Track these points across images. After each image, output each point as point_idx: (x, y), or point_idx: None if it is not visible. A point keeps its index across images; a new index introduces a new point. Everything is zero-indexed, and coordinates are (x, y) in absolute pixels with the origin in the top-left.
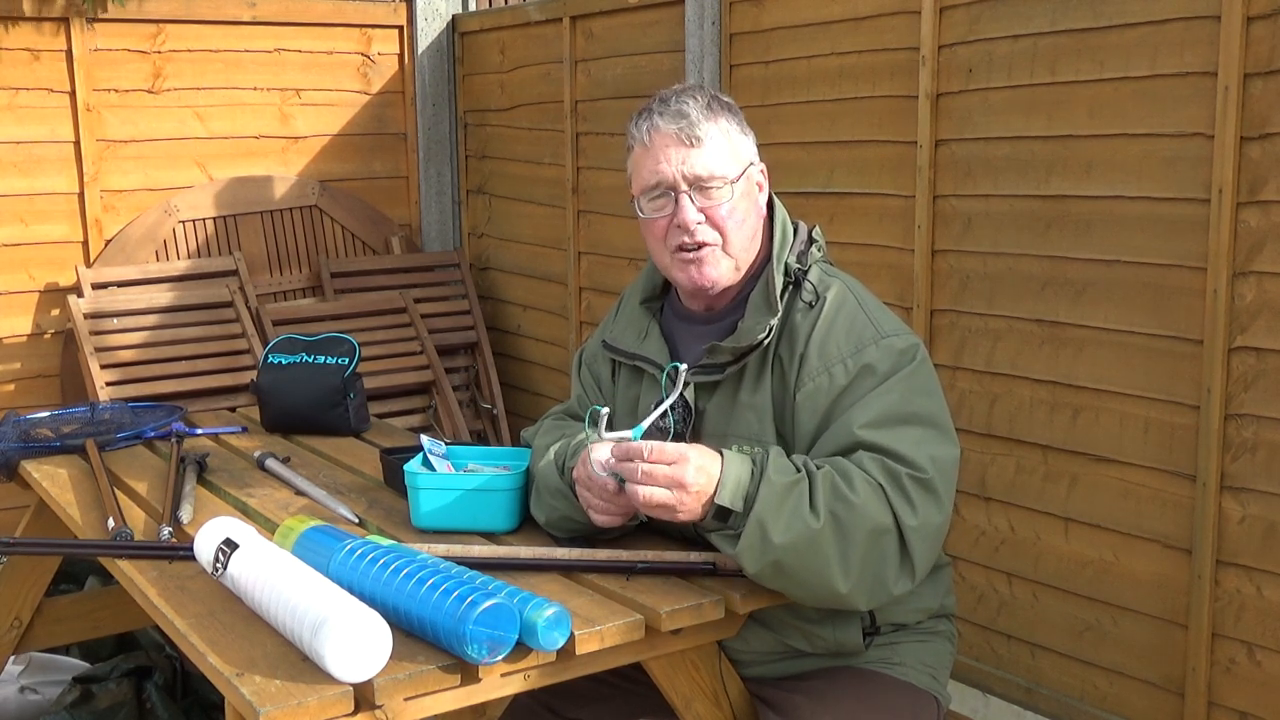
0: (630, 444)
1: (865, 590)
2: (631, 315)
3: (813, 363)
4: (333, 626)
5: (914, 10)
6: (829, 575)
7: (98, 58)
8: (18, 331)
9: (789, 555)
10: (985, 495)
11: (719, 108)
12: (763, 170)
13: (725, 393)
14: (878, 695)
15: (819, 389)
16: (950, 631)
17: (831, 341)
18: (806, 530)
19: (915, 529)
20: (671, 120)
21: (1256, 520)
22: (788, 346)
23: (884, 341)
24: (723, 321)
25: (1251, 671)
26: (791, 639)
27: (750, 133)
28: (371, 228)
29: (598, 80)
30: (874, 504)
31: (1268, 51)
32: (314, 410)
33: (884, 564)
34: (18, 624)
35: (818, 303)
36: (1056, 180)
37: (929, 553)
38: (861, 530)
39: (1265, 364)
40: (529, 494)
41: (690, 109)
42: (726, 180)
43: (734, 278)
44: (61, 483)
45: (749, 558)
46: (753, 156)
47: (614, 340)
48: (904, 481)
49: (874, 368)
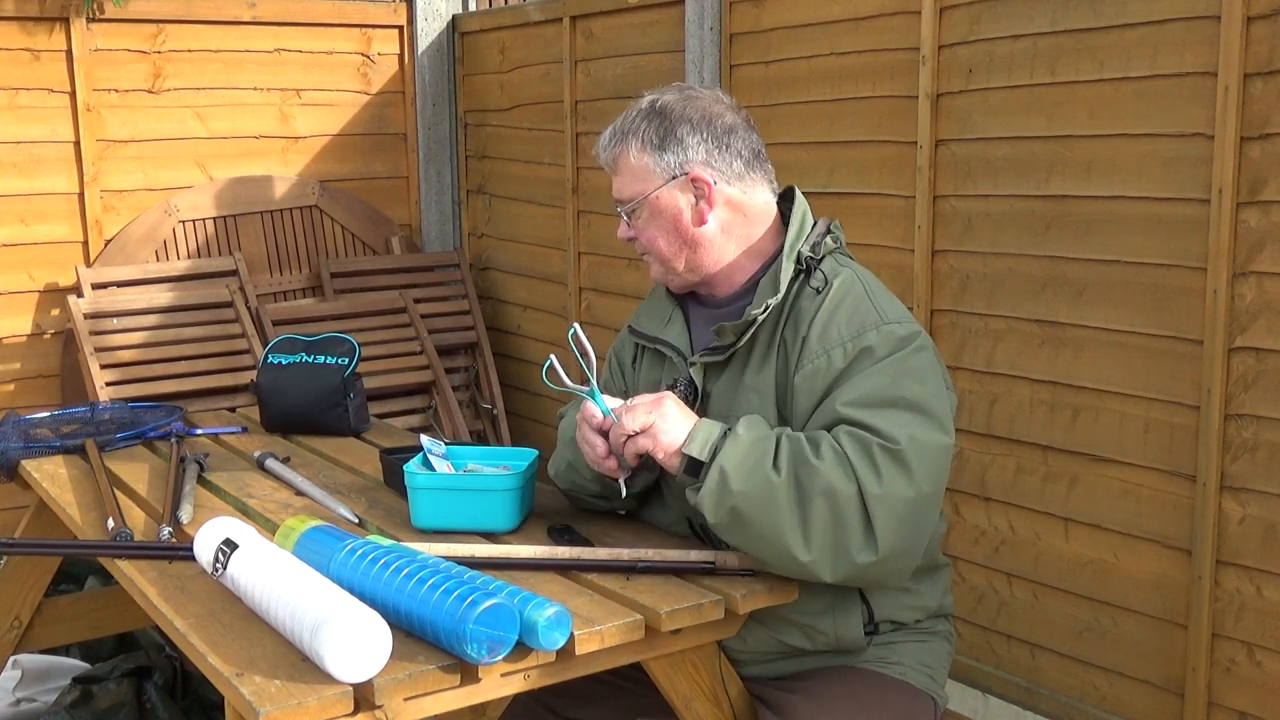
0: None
1: (828, 559)
2: (658, 301)
3: (813, 345)
4: (333, 627)
5: (914, 10)
6: (785, 534)
7: (98, 58)
8: (18, 331)
9: (746, 503)
10: (985, 495)
11: (632, 128)
12: (694, 177)
13: (731, 374)
14: (875, 695)
15: (817, 371)
16: (948, 632)
17: (833, 325)
18: (766, 482)
19: (878, 497)
20: (596, 149)
21: (1256, 520)
22: (792, 329)
23: (885, 327)
24: (734, 305)
25: (1251, 672)
26: (791, 637)
27: (679, 143)
28: (371, 228)
29: (598, 80)
30: (836, 469)
31: (1268, 51)
32: (314, 410)
33: (844, 531)
34: (18, 624)
35: (825, 287)
36: (1056, 180)
37: (896, 526)
38: (819, 492)
39: (1265, 364)
40: (529, 494)
41: (602, 140)
42: (633, 202)
43: (674, 280)
44: (61, 483)
45: (709, 503)
46: (672, 169)
47: (639, 325)
48: (873, 449)
49: (872, 351)
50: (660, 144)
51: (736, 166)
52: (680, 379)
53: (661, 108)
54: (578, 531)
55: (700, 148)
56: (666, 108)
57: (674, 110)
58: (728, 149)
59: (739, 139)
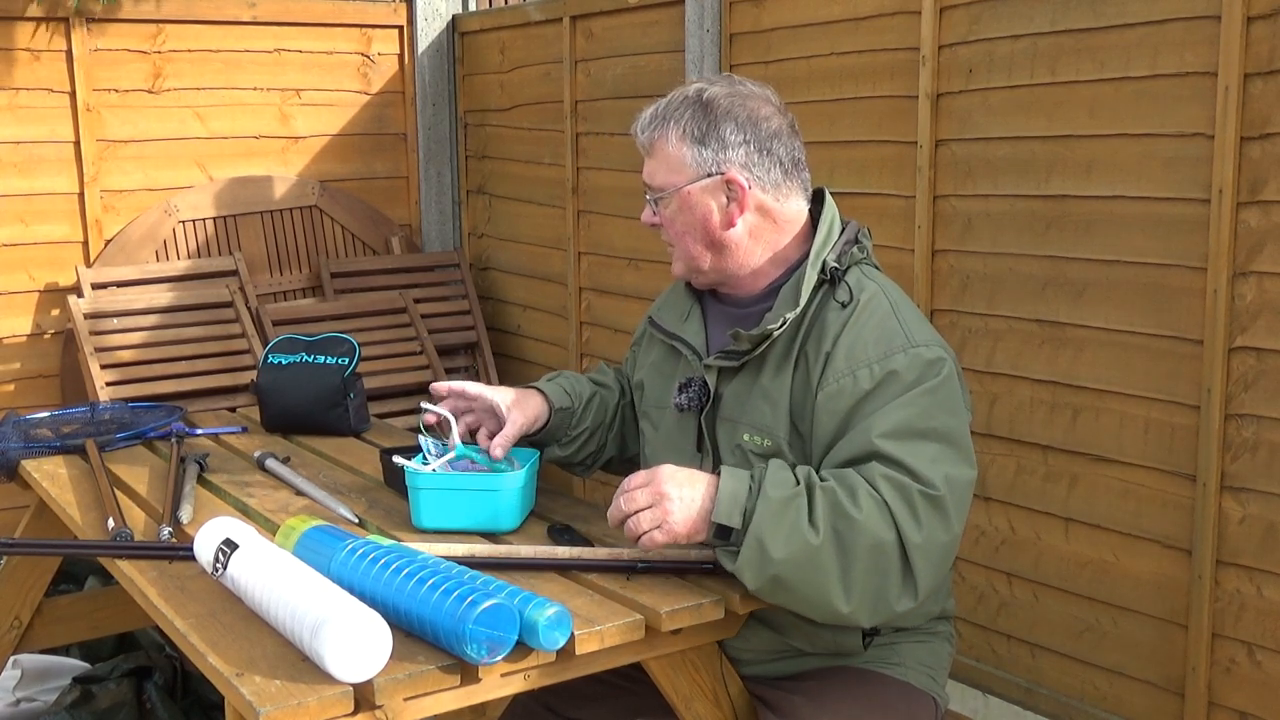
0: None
1: (867, 608)
2: (678, 295)
3: (839, 364)
4: (333, 626)
5: (914, 10)
6: (829, 592)
7: (98, 58)
8: (18, 331)
9: (788, 570)
10: (985, 495)
11: (676, 115)
12: (730, 180)
13: (745, 380)
14: (875, 695)
15: (842, 391)
16: (949, 632)
17: (860, 345)
18: (805, 546)
19: (919, 546)
20: (634, 127)
21: (1256, 520)
22: (815, 343)
23: (913, 350)
24: (755, 308)
25: (1251, 671)
26: (793, 638)
27: (722, 139)
28: (371, 228)
29: (598, 80)
30: (876, 519)
31: (1268, 51)
32: (314, 410)
33: (885, 581)
34: (18, 624)
35: (851, 303)
36: (1056, 180)
37: (933, 572)
38: (862, 546)
39: (1265, 364)
40: (530, 493)
41: (642, 119)
42: (663, 191)
43: (698, 278)
44: (61, 483)
45: (748, 573)
46: (710, 166)
47: (658, 317)
48: (914, 496)
49: (900, 375)
50: (701, 137)
51: (775, 174)
52: (694, 379)
53: (709, 100)
54: (578, 531)
55: (741, 149)
56: (714, 101)
57: (720, 105)
58: (769, 154)
59: (782, 145)
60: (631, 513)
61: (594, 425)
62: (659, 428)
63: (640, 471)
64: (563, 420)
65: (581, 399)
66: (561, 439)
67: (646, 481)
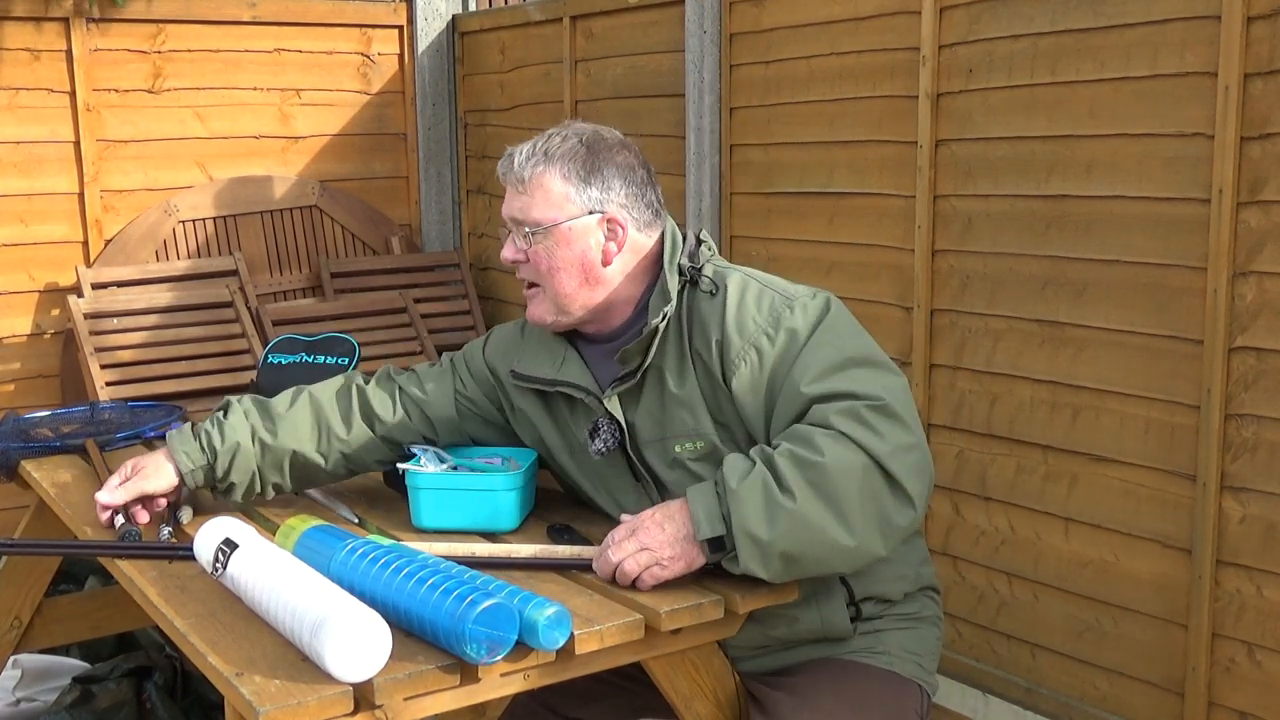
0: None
1: (876, 535)
2: (543, 342)
3: (736, 345)
4: (332, 626)
5: (914, 10)
6: (834, 540)
7: (98, 58)
8: (18, 331)
9: (788, 543)
10: (985, 495)
11: (559, 155)
12: (610, 219)
13: (650, 399)
14: (861, 687)
15: (751, 367)
16: (935, 616)
17: (748, 319)
18: (788, 514)
19: (890, 454)
20: (504, 165)
21: (1256, 520)
22: (701, 337)
23: (796, 303)
24: (627, 334)
25: (1251, 671)
26: (775, 629)
27: (604, 180)
28: (371, 228)
29: (598, 80)
30: (839, 451)
31: (1268, 51)
32: None
33: (878, 501)
34: (18, 624)
35: (719, 291)
36: (1056, 180)
37: (915, 475)
38: (840, 482)
39: (1265, 364)
40: (530, 493)
41: (519, 155)
42: (541, 226)
43: (562, 319)
44: (61, 483)
45: (756, 566)
46: (591, 205)
47: (524, 369)
48: (862, 413)
49: (796, 330)
50: (586, 177)
51: (646, 216)
52: (601, 420)
53: (590, 142)
54: (578, 531)
55: (621, 191)
56: (595, 144)
57: (601, 150)
58: (642, 199)
59: (649, 191)
60: (621, 560)
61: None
62: (585, 473)
63: (621, 526)
64: (201, 478)
65: (225, 450)
66: (225, 489)
67: (631, 533)
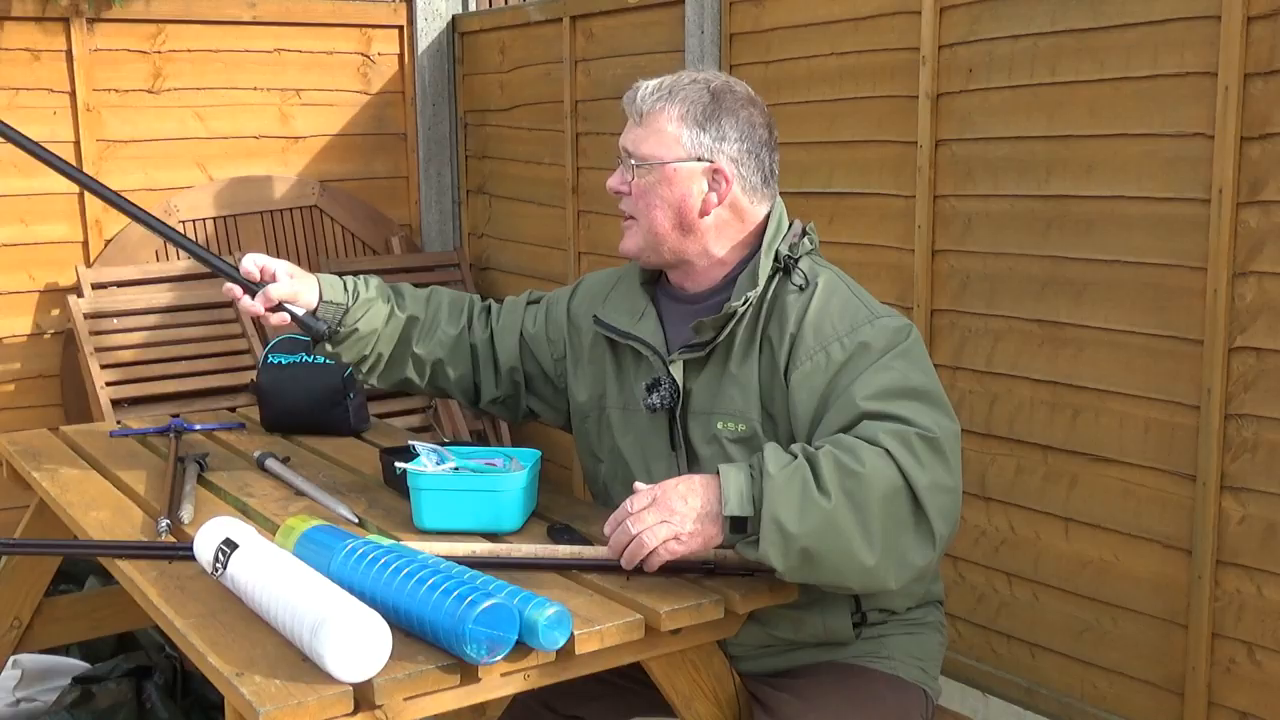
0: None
1: (893, 562)
2: (629, 294)
3: (808, 342)
4: (332, 626)
5: (914, 10)
6: (855, 551)
7: (98, 58)
8: (18, 331)
9: (812, 540)
10: (985, 495)
11: (682, 96)
12: (718, 170)
13: (712, 371)
14: (865, 690)
15: (816, 368)
16: (939, 623)
17: (826, 322)
18: (821, 512)
19: (927, 488)
20: (627, 96)
21: (1256, 520)
22: (777, 327)
23: (878, 321)
24: (710, 301)
25: (1251, 671)
26: (780, 629)
27: (719, 130)
28: (371, 228)
29: (598, 80)
30: (881, 469)
31: (1268, 51)
32: (314, 410)
33: (901, 530)
34: (18, 624)
35: (809, 286)
36: (1056, 180)
37: (944, 516)
38: (874, 498)
39: (1265, 364)
40: (532, 494)
41: (643, 88)
42: (647, 161)
43: (650, 257)
44: (62, 483)
45: (775, 555)
46: (702, 152)
47: (606, 317)
48: (912, 440)
49: (870, 345)
50: (703, 123)
51: (755, 179)
52: (663, 378)
53: (717, 91)
54: (578, 531)
55: (735, 145)
56: (721, 93)
57: (727, 100)
58: (756, 159)
59: (767, 154)
60: (641, 531)
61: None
62: (629, 430)
63: (639, 494)
64: (332, 313)
65: (364, 301)
66: (333, 336)
67: (650, 501)
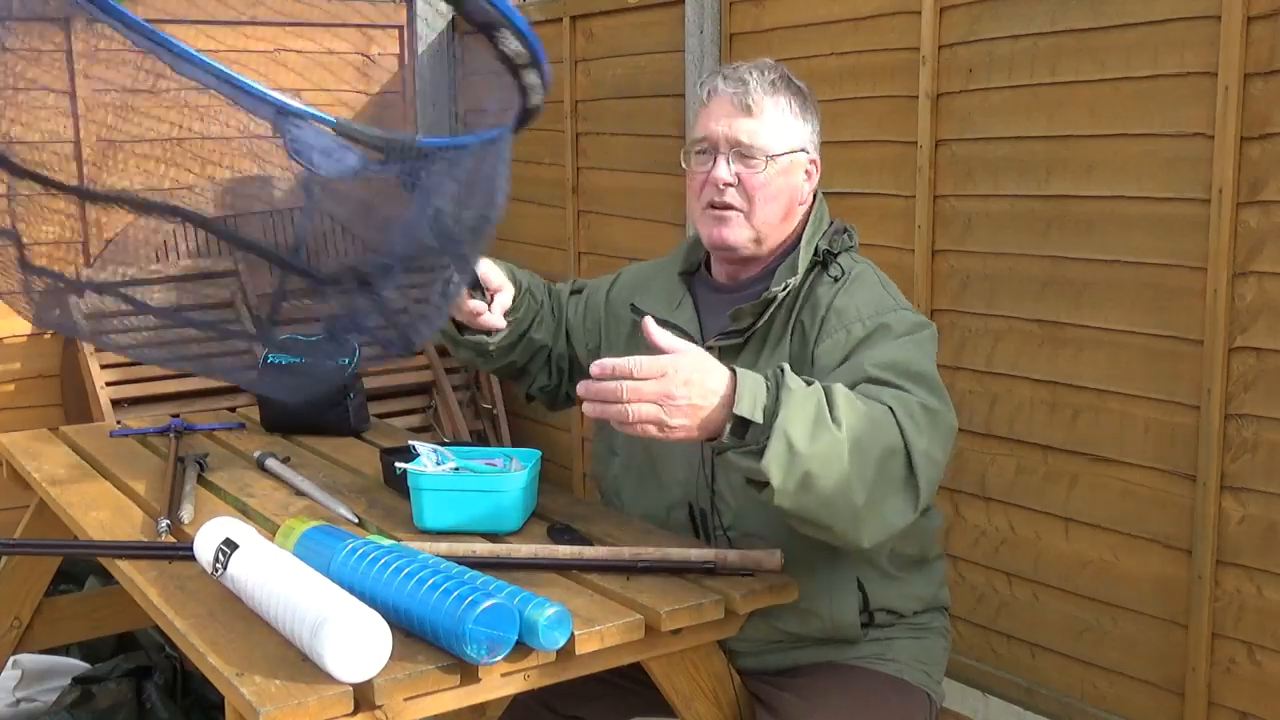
0: (615, 362)
1: (875, 514)
2: (667, 284)
3: (832, 322)
4: (332, 626)
5: (914, 10)
6: (850, 487)
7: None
8: (18, 331)
9: (816, 465)
10: (985, 495)
11: (783, 87)
12: (813, 161)
13: (746, 359)
14: (869, 692)
15: (837, 343)
16: (944, 627)
17: (852, 306)
18: (831, 438)
19: (922, 453)
20: (732, 85)
21: (1256, 520)
22: (810, 313)
23: (902, 311)
24: (748, 290)
25: (1251, 671)
26: (786, 622)
27: (812, 121)
28: None
29: (598, 80)
30: (886, 423)
31: (1268, 51)
32: (314, 410)
33: (890, 486)
34: (18, 624)
35: (843, 277)
36: (1056, 180)
37: (928, 484)
38: (876, 444)
39: (1265, 364)
40: (533, 495)
41: (751, 79)
42: (766, 154)
43: (751, 248)
44: (62, 483)
45: (777, 470)
46: (805, 143)
47: (643, 305)
48: (914, 407)
49: (890, 327)
50: (803, 114)
51: (822, 166)
52: None
53: (799, 85)
54: (578, 531)
55: (817, 135)
56: (802, 87)
57: (810, 93)
58: (819, 148)
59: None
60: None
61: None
62: None
63: (650, 362)
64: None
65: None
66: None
67: (660, 375)
